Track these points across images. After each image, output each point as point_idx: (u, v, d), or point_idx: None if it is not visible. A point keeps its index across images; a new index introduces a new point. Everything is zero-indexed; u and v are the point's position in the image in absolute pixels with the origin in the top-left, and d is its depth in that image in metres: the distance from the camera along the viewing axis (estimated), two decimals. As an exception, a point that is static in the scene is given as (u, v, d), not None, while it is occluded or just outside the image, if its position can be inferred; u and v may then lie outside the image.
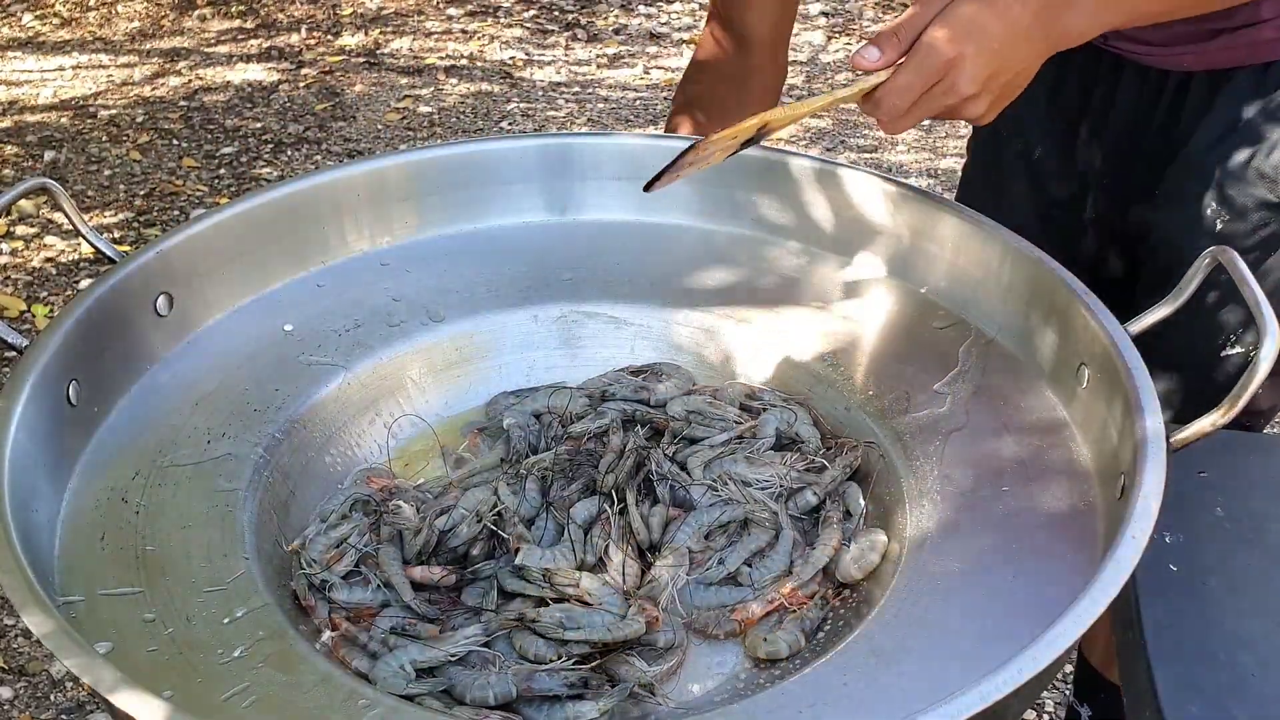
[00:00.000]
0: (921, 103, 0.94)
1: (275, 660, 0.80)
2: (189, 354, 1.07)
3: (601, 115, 3.99)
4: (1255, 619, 0.89)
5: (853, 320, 1.13)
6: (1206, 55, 1.16)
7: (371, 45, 4.51)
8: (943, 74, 0.92)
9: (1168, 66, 1.20)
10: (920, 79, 0.92)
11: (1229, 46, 1.15)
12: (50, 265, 3.11)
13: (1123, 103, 1.25)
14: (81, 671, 0.70)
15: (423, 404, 1.10)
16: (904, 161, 3.72)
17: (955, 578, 0.87)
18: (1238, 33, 1.13)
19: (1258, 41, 1.14)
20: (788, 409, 1.06)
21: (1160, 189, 1.23)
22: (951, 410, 1.02)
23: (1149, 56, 1.20)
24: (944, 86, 0.93)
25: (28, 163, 3.59)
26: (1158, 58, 1.20)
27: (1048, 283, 1.04)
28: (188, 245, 1.09)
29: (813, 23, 4.78)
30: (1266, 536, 0.96)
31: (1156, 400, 0.88)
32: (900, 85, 0.93)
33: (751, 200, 1.24)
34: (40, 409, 0.91)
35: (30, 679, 2.04)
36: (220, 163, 3.66)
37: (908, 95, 0.93)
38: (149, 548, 0.89)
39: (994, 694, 0.68)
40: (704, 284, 1.19)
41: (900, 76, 0.93)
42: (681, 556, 0.92)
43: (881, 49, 0.93)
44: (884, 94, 0.94)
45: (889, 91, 0.93)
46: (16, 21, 4.62)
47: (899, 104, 0.94)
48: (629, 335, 1.16)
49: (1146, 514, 0.79)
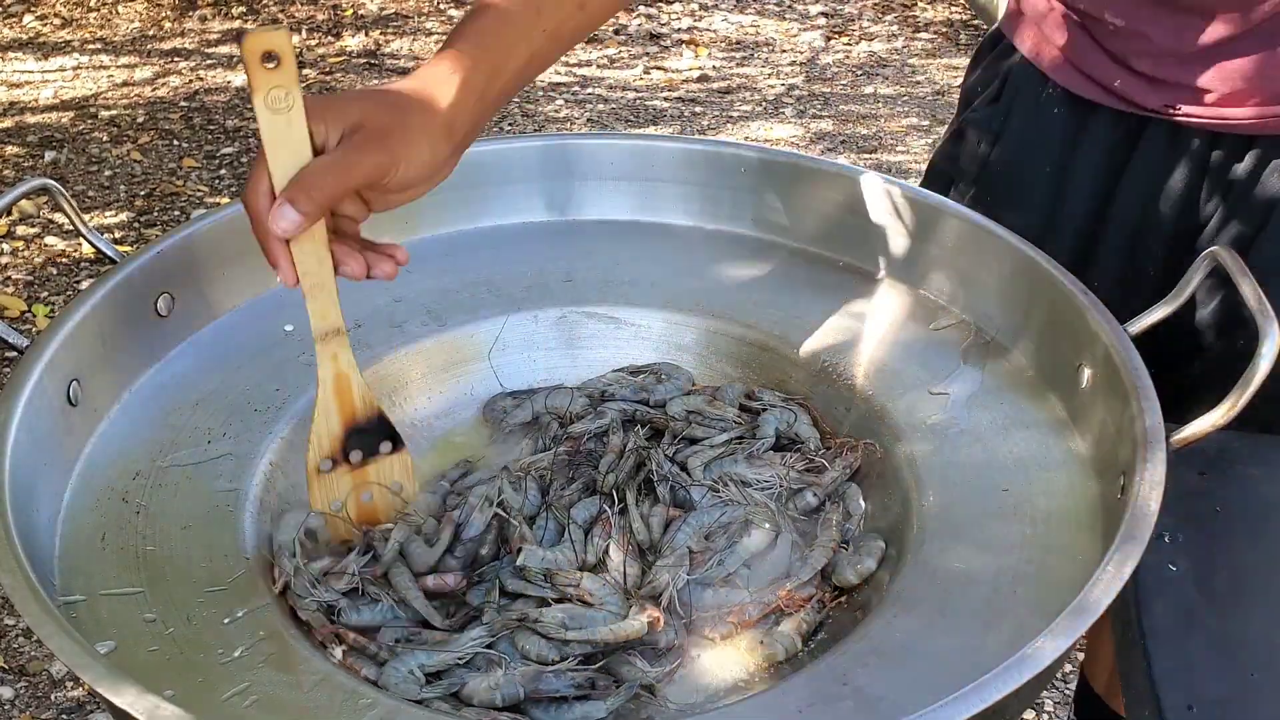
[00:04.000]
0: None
1: (275, 660, 0.80)
2: (189, 354, 1.07)
3: (601, 115, 4.00)
4: (1255, 619, 0.89)
5: (853, 320, 1.13)
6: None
7: (372, 46, 4.51)
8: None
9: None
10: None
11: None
12: (51, 265, 3.11)
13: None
14: (82, 671, 0.70)
15: (424, 404, 1.10)
16: (904, 162, 3.72)
17: (955, 578, 0.87)
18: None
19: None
20: (787, 409, 1.06)
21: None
22: (951, 410, 1.02)
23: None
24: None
25: (28, 163, 3.59)
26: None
27: (1048, 283, 1.04)
28: (188, 245, 1.09)
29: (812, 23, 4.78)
30: (1267, 536, 0.96)
31: (1156, 400, 0.88)
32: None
33: (751, 200, 1.24)
34: (41, 409, 0.91)
35: (31, 679, 2.04)
36: (221, 163, 3.66)
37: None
38: (149, 548, 0.89)
39: (994, 694, 0.68)
40: (704, 284, 1.19)
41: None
42: (682, 557, 0.92)
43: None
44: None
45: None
46: (17, 22, 4.63)
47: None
48: (629, 335, 1.16)
49: (1146, 514, 0.79)
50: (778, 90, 4.20)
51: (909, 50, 4.56)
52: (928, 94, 4.19)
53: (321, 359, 0.89)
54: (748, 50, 4.55)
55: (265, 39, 0.76)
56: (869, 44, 4.61)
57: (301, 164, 0.79)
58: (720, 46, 4.57)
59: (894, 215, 1.16)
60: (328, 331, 0.89)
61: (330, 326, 0.88)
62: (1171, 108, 1.12)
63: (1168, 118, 1.13)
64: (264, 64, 0.76)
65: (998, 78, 1.27)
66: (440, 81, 0.85)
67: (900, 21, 4.82)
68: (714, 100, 4.13)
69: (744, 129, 3.92)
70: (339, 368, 0.90)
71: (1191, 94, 1.10)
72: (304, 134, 0.79)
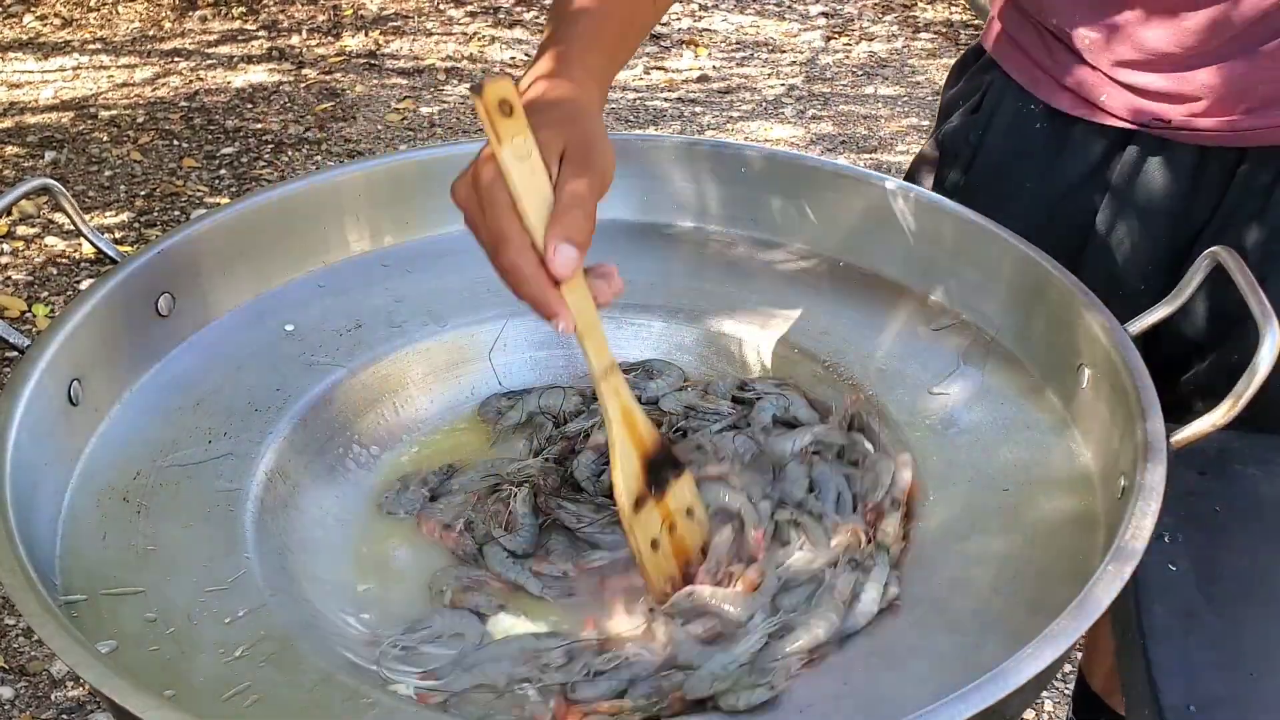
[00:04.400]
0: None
1: (275, 660, 0.80)
2: (190, 354, 1.07)
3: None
4: (1255, 619, 0.89)
5: (852, 320, 1.13)
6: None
7: (372, 46, 4.51)
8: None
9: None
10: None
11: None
12: (51, 265, 3.11)
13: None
14: (83, 671, 0.70)
15: (424, 404, 1.10)
16: (904, 162, 3.72)
17: (955, 577, 0.87)
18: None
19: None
20: (781, 395, 1.06)
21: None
22: (951, 411, 1.02)
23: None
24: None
25: (29, 163, 3.60)
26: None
27: (1048, 283, 1.04)
28: (189, 245, 1.09)
29: (812, 23, 4.78)
30: (1267, 536, 0.96)
31: (1157, 400, 0.88)
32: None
33: (751, 200, 1.24)
34: (41, 409, 0.91)
35: (31, 678, 2.04)
36: (221, 163, 3.66)
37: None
38: (150, 547, 0.89)
39: (994, 694, 0.68)
40: (704, 284, 1.19)
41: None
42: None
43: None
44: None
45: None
46: (17, 22, 4.63)
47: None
48: (629, 335, 1.16)
49: (1146, 514, 0.79)
50: (777, 90, 4.20)
51: (909, 50, 4.56)
52: (928, 94, 4.19)
53: (606, 397, 0.85)
54: (748, 50, 4.55)
55: (500, 88, 0.73)
56: (869, 44, 4.61)
57: (546, 205, 0.77)
58: (720, 47, 4.58)
59: (894, 215, 1.16)
60: (607, 368, 0.84)
61: (608, 363, 0.84)
62: (1161, 120, 1.10)
63: (1156, 131, 1.11)
64: (502, 114, 0.74)
65: (978, 91, 1.26)
66: (583, 79, 0.85)
67: (900, 22, 4.82)
68: (714, 100, 4.14)
69: (744, 129, 3.92)
70: (623, 401, 0.86)
71: (1179, 104, 1.09)
72: (545, 177, 0.77)
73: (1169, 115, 1.10)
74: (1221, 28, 1.03)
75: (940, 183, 1.29)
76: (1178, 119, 1.09)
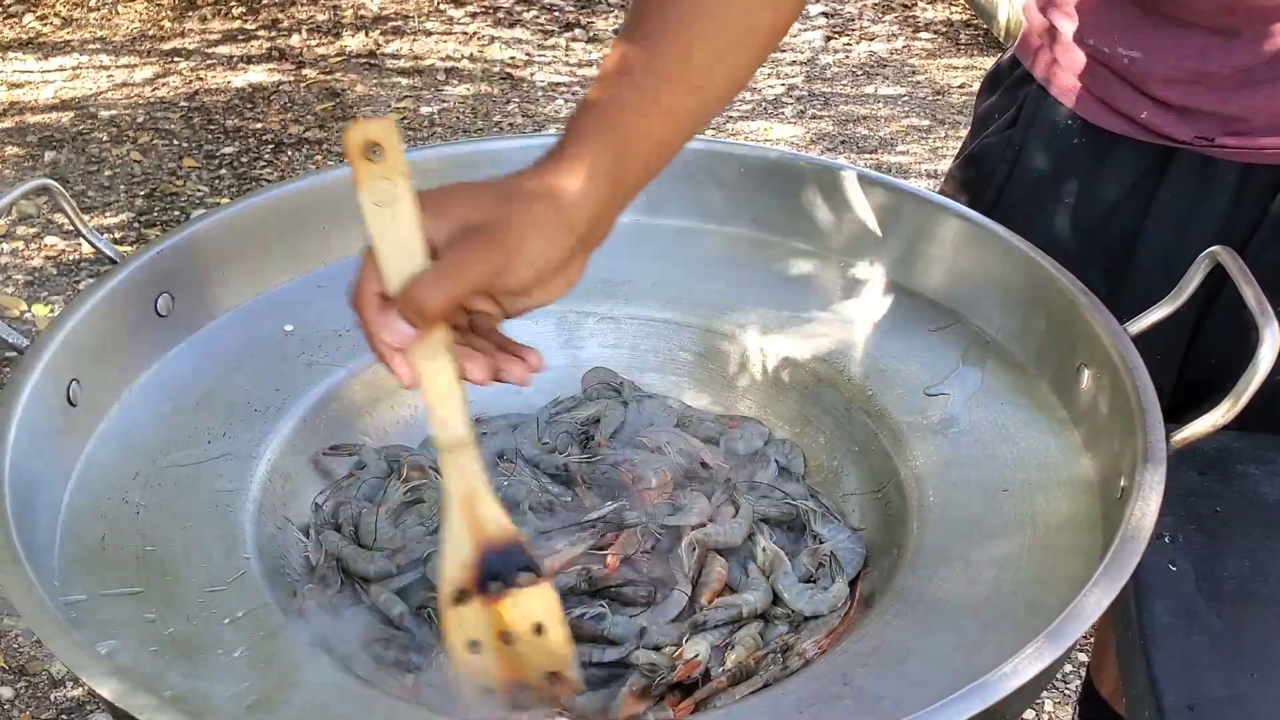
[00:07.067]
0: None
1: (275, 660, 0.80)
2: (189, 354, 1.07)
3: (602, 115, 3.99)
4: (1255, 618, 0.89)
5: (853, 320, 1.13)
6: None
7: (372, 46, 4.51)
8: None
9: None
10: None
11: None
12: (51, 265, 3.11)
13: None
14: (82, 671, 0.70)
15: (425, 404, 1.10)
16: (904, 162, 3.72)
17: (955, 578, 0.87)
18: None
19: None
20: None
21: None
22: (951, 410, 1.02)
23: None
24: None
25: (28, 163, 3.60)
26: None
27: (1048, 283, 1.04)
28: (188, 245, 1.09)
29: (812, 23, 4.78)
30: (1267, 536, 0.96)
31: (1156, 400, 0.88)
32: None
33: (751, 200, 1.24)
34: (41, 409, 0.91)
35: (30, 678, 2.04)
36: (221, 163, 3.66)
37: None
38: (149, 548, 0.89)
39: (994, 694, 0.68)
40: (704, 284, 1.19)
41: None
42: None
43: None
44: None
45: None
46: (17, 22, 4.63)
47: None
48: (629, 335, 1.16)
49: (1146, 514, 0.79)
50: (777, 90, 4.20)
51: (909, 50, 4.56)
52: (928, 94, 4.19)
53: (447, 472, 0.78)
54: (748, 50, 4.54)
55: (370, 130, 0.70)
56: (869, 44, 4.61)
57: (412, 258, 0.71)
58: (720, 47, 4.56)
59: (894, 215, 1.16)
60: (452, 443, 0.78)
61: (455, 438, 0.77)
62: (1206, 139, 1.07)
63: (1201, 150, 1.08)
64: (367, 157, 0.70)
65: (1015, 104, 1.22)
66: (561, 169, 0.77)
67: (900, 22, 4.82)
68: (714, 100, 4.13)
69: (744, 129, 3.92)
70: (468, 482, 0.78)
71: (1224, 124, 1.06)
72: (413, 227, 0.71)
73: (1211, 134, 1.07)
74: (1272, 51, 1.01)
75: (978, 198, 1.24)
76: (1221, 138, 1.07)
